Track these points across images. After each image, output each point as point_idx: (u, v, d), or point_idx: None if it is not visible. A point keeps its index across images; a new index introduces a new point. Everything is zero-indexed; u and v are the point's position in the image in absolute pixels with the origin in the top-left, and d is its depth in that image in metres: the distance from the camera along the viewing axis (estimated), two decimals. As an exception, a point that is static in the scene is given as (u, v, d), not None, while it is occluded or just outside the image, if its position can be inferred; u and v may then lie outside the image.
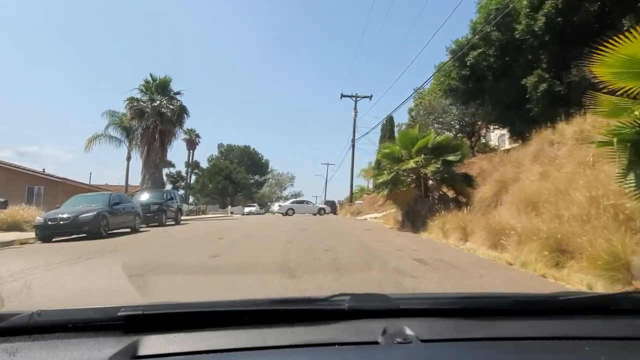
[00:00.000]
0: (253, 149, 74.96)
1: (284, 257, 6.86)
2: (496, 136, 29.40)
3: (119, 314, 1.13)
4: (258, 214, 46.21)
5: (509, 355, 1.09)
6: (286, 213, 33.58)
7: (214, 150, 73.50)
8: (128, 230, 14.00)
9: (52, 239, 11.42)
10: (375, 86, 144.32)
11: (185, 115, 28.84)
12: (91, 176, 46.66)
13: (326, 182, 78.50)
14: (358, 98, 37.12)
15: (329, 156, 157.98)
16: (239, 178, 60.39)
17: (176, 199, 21.61)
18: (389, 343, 1.04)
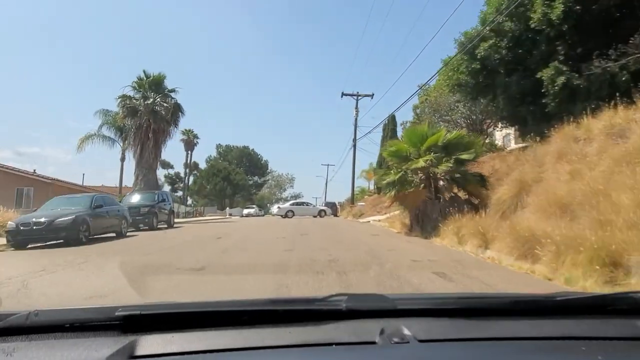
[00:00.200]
0: (252, 150, 73.72)
1: (281, 274, 5.72)
2: (501, 135, 28.63)
3: (117, 314, 1.12)
4: (257, 216, 45.60)
5: (507, 355, 1.08)
6: (285, 215, 32.86)
7: (213, 151, 72.45)
8: (113, 235, 12.99)
9: (27, 246, 10.42)
10: (375, 87, 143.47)
11: (180, 113, 27.59)
12: (89, 177, 45.83)
13: (326, 183, 77.30)
14: (359, 97, 36.56)
15: (329, 157, 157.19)
16: (238, 179, 59.23)
17: (169, 201, 20.53)
18: (387, 343, 1.03)
